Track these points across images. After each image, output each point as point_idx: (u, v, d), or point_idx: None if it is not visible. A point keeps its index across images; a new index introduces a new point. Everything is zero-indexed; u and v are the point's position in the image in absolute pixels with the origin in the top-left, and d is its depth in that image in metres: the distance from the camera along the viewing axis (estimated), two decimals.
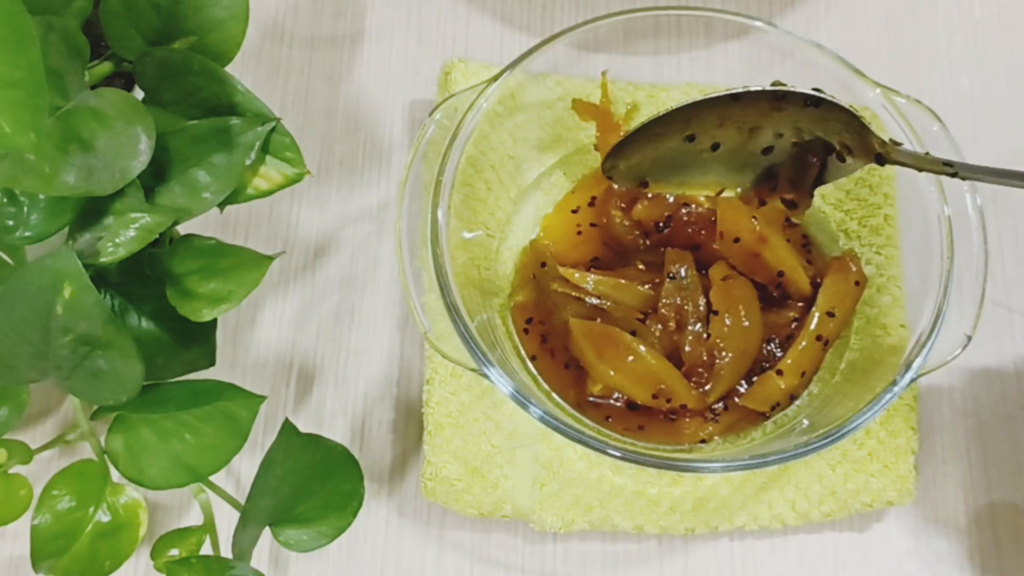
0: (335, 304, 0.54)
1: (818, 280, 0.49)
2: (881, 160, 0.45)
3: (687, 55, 0.55)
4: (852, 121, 0.45)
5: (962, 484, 0.51)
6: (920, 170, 0.44)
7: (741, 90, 0.45)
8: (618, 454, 0.42)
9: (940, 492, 0.51)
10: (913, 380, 0.43)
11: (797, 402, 0.48)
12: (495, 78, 0.48)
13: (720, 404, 0.48)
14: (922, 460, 0.51)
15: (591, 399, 0.48)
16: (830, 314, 0.48)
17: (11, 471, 0.44)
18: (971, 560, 0.50)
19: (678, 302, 0.48)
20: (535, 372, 0.49)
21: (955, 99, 0.58)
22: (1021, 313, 0.54)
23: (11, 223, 0.39)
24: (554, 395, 0.48)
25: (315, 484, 0.43)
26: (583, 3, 0.60)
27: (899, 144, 0.45)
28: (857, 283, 0.49)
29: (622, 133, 0.50)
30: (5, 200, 0.39)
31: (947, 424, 0.52)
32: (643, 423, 0.47)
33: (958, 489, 0.51)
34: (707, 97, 0.45)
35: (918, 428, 0.50)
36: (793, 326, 0.49)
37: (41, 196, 0.39)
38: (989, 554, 0.50)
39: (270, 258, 0.42)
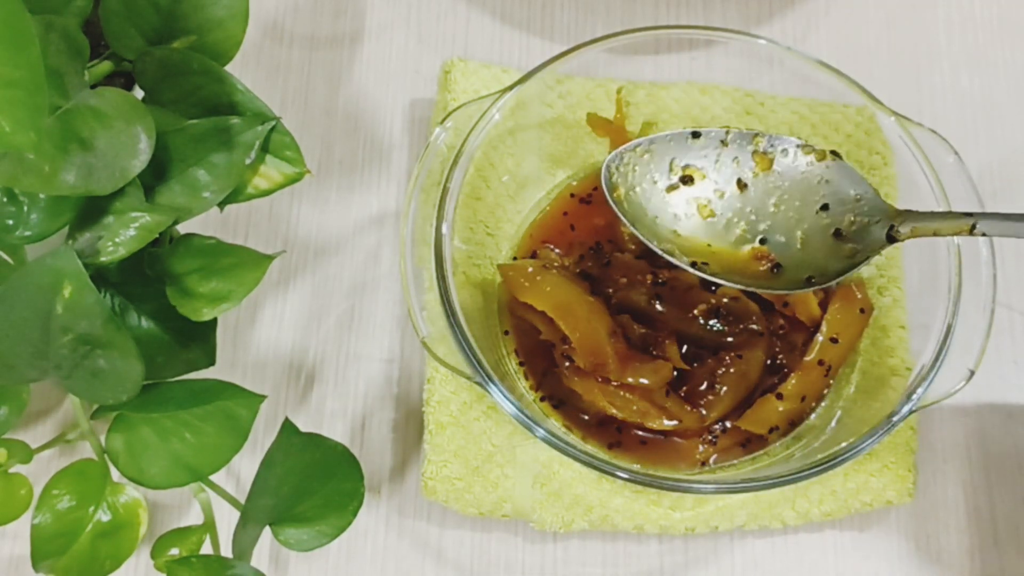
0: (335, 303, 0.53)
1: (825, 305, 0.49)
2: (893, 237, 0.43)
3: (687, 54, 0.55)
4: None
5: (962, 484, 0.51)
6: (935, 234, 0.42)
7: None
8: (586, 459, 0.42)
9: (940, 492, 0.51)
10: (912, 412, 0.43)
11: (798, 429, 0.48)
12: (507, 90, 0.47)
13: (718, 427, 0.48)
14: (922, 460, 0.51)
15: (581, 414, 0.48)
16: (834, 340, 0.48)
17: (11, 471, 0.44)
18: (971, 560, 0.50)
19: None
20: (512, 347, 0.49)
21: (955, 99, 0.58)
22: (1021, 313, 0.54)
23: (11, 222, 0.39)
24: (550, 420, 0.48)
25: (315, 483, 0.43)
26: (583, 2, 0.60)
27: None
28: (862, 311, 0.49)
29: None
30: (5, 199, 0.39)
31: (947, 424, 0.52)
32: (619, 440, 0.48)
33: (958, 489, 0.51)
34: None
35: (918, 428, 0.50)
36: (799, 349, 0.49)
37: (41, 195, 0.39)
38: (989, 554, 0.50)
39: (270, 257, 0.42)
